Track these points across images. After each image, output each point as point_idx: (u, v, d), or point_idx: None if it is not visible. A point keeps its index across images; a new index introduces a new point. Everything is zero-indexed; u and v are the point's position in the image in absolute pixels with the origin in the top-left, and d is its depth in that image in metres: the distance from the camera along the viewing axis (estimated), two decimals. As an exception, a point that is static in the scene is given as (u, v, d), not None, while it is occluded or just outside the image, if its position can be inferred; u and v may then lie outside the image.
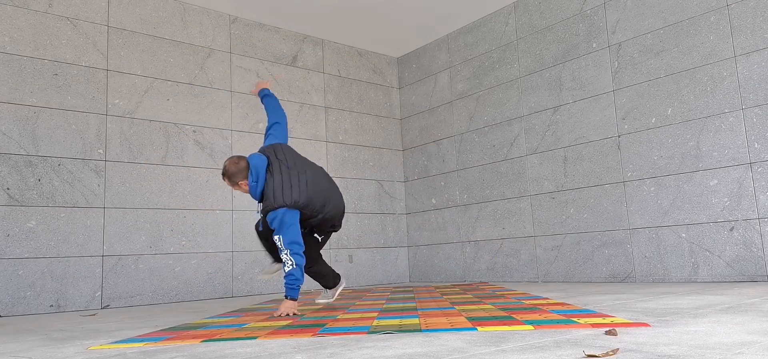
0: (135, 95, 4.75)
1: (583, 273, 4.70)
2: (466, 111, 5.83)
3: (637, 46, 4.46)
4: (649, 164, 4.33)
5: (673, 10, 4.27)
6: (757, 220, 3.76)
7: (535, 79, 5.19)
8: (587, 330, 1.87)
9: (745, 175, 3.84)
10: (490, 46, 5.63)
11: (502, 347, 1.64)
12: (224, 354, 1.76)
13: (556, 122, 4.99)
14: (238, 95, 5.36)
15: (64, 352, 2.00)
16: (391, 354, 1.60)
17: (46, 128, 4.29)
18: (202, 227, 4.95)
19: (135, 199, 4.63)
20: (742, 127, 3.87)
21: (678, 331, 1.79)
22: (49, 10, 4.42)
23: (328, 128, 5.99)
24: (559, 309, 2.52)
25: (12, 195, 4.09)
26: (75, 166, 4.37)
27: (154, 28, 4.94)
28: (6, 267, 4.01)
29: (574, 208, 4.80)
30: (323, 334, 2.08)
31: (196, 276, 4.86)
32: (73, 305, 4.24)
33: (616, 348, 1.49)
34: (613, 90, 4.59)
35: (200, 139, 5.06)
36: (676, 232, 4.14)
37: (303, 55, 5.92)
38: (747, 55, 3.88)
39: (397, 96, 6.68)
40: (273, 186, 2.96)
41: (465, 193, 5.78)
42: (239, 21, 5.48)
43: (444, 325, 2.14)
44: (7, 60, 4.20)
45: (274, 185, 2.96)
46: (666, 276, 4.18)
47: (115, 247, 4.48)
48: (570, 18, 4.95)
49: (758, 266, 3.74)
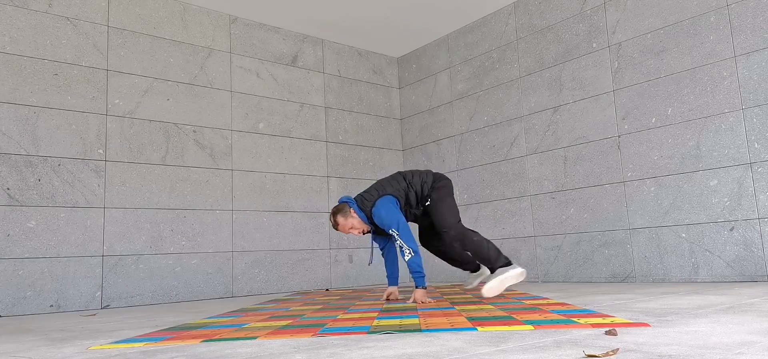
0: (135, 95, 4.75)
1: (583, 272, 4.70)
2: (466, 111, 5.83)
3: (637, 46, 4.46)
4: (649, 164, 4.33)
5: (673, 10, 4.27)
6: (757, 220, 3.76)
7: (535, 79, 5.19)
8: (587, 330, 1.87)
9: (745, 175, 3.84)
10: (490, 46, 5.63)
11: (502, 347, 1.64)
12: (224, 354, 1.76)
13: (556, 122, 4.99)
14: (238, 95, 5.36)
15: (64, 352, 2.00)
16: (391, 354, 1.60)
17: (46, 128, 4.29)
18: (202, 227, 4.95)
19: (135, 199, 4.63)
20: (742, 127, 3.87)
21: (678, 331, 1.79)
22: (49, 10, 4.42)
23: (328, 128, 5.99)
24: (559, 309, 2.52)
25: (12, 195, 4.09)
26: (75, 166, 4.37)
27: (154, 28, 4.94)
28: (6, 267, 4.01)
29: (574, 208, 4.80)
30: (323, 334, 2.08)
31: (196, 276, 4.86)
32: (73, 305, 4.24)
33: (616, 348, 1.49)
34: (613, 90, 4.59)
35: (200, 139, 5.06)
36: (676, 232, 4.14)
37: (303, 55, 5.92)
38: (747, 55, 3.88)
39: (397, 96, 6.68)
40: (362, 199, 3.45)
41: (465, 193, 5.77)
42: (239, 21, 5.48)
43: (444, 325, 2.14)
44: (7, 60, 4.20)
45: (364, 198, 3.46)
46: (666, 276, 4.18)
47: (115, 247, 4.48)
48: (570, 18, 4.95)
49: (758, 266, 3.74)
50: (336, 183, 5.92)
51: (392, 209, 3.30)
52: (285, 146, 5.62)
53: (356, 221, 3.40)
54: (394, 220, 3.26)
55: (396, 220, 3.26)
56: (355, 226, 3.39)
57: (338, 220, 3.39)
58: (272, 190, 5.46)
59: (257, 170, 5.38)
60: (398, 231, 3.23)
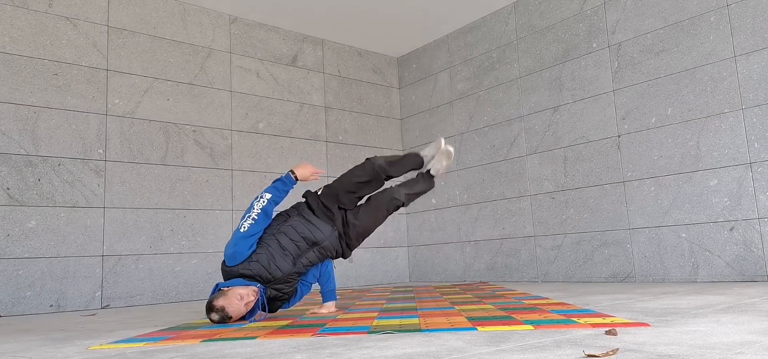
0: (135, 95, 4.75)
1: (583, 273, 4.70)
2: (466, 111, 5.83)
3: (637, 46, 4.46)
4: (649, 164, 4.33)
5: (673, 10, 4.27)
6: (757, 220, 3.76)
7: (535, 79, 5.19)
8: (587, 330, 1.87)
9: (745, 175, 3.84)
10: (490, 46, 5.63)
11: (502, 347, 1.64)
12: (224, 354, 1.76)
13: (556, 122, 4.99)
14: (238, 95, 5.36)
15: (64, 352, 1.99)
16: (391, 354, 1.60)
17: (46, 128, 4.28)
18: (202, 227, 4.95)
19: (135, 199, 4.63)
20: (742, 127, 3.87)
21: (678, 331, 1.79)
22: (49, 10, 4.42)
23: (328, 128, 5.99)
24: (559, 309, 2.52)
25: (12, 195, 4.09)
26: (75, 166, 4.37)
27: (154, 28, 4.94)
28: (6, 267, 4.01)
29: (574, 208, 4.80)
30: (323, 334, 2.08)
31: (196, 276, 4.86)
32: (73, 305, 4.24)
33: (616, 348, 1.49)
34: (613, 90, 4.59)
35: (200, 139, 5.06)
36: (676, 232, 4.14)
37: (303, 55, 5.92)
38: (747, 55, 3.88)
39: (397, 96, 6.68)
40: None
41: (465, 193, 5.77)
42: (239, 21, 5.48)
43: (444, 325, 2.14)
44: (7, 60, 4.20)
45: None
46: (666, 276, 4.18)
47: (115, 247, 4.48)
48: (570, 18, 4.94)
49: (758, 266, 3.74)
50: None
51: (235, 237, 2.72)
52: (285, 146, 5.62)
53: (238, 290, 2.62)
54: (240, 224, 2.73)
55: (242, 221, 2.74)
56: (242, 295, 2.60)
57: (221, 304, 2.58)
58: (272, 190, 5.45)
59: (257, 170, 5.38)
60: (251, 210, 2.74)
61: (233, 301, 2.57)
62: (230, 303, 2.57)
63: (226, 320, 2.59)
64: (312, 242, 2.85)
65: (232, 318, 2.60)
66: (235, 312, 2.59)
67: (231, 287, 2.63)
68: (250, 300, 2.62)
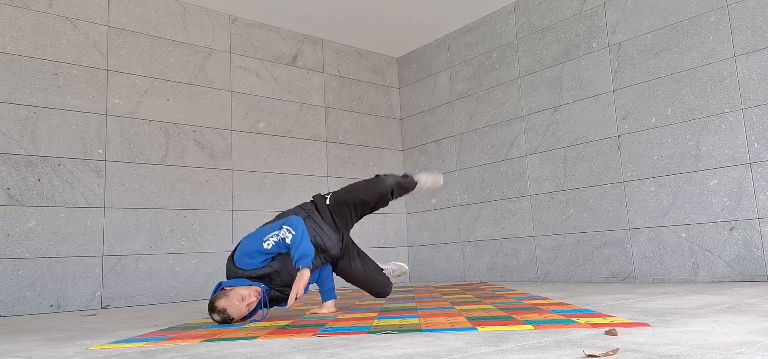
0: (135, 95, 4.75)
1: (583, 273, 4.70)
2: (466, 111, 5.83)
3: (637, 46, 4.46)
4: (649, 164, 4.33)
5: (673, 10, 4.27)
6: (757, 220, 3.76)
7: (535, 79, 5.19)
8: (587, 330, 1.87)
9: (745, 175, 3.84)
10: (490, 46, 5.63)
11: (502, 347, 1.64)
12: (224, 354, 1.76)
13: (556, 121, 4.99)
14: (238, 95, 5.36)
15: (64, 352, 1.99)
16: (391, 354, 1.60)
17: (46, 128, 4.29)
18: (202, 227, 4.95)
19: (135, 199, 4.63)
20: (742, 127, 3.87)
21: (678, 331, 1.79)
22: (49, 10, 4.42)
23: (328, 128, 5.99)
24: (559, 309, 2.52)
25: (12, 195, 4.09)
26: (75, 166, 4.37)
27: (154, 28, 4.94)
28: (6, 267, 4.01)
29: (574, 208, 4.80)
30: (323, 334, 2.08)
31: (196, 276, 4.86)
32: (73, 305, 4.24)
33: (616, 348, 1.49)
34: (613, 90, 4.59)
35: (200, 139, 5.06)
36: (676, 232, 4.14)
37: (303, 55, 5.92)
38: (747, 55, 3.88)
39: (397, 96, 6.68)
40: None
41: (465, 193, 5.78)
42: (239, 21, 5.48)
43: (444, 325, 2.14)
44: (7, 60, 4.20)
45: None
46: (666, 276, 4.18)
47: (115, 247, 4.48)
48: (570, 18, 4.95)
49: (758, 266, 3.74)
50: (336, 183, 5.91)
51: (257, 234, 2.76)
52: (285, 146, 5.62)
53: (240, 291, 2.63)
54: (278, 225, 2.74)
55: (283, 222, 2.74)
56: (243, 296, 2.61)
57: (222, 305, 2.58)
58: (272, 190, 5.46)
59: (257, 170, 5.38)
60: (290, 226, 2.71)
61: (234, 302, 2.59)
62: (231, 303, 2.59)
63: (228, 321, 2.61)
64: (321, 248, 2.89)
65: (234, 319, 2.62)
66: (236, 313, 2.60)
67: (233, 287, 2.65)
68: (252, 301, 2.63)
